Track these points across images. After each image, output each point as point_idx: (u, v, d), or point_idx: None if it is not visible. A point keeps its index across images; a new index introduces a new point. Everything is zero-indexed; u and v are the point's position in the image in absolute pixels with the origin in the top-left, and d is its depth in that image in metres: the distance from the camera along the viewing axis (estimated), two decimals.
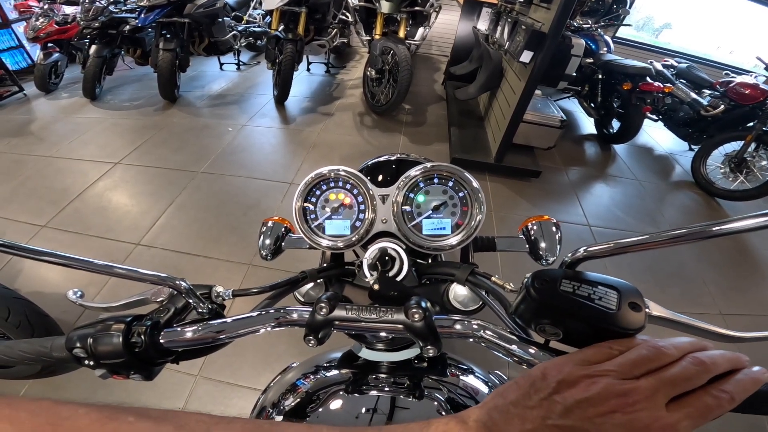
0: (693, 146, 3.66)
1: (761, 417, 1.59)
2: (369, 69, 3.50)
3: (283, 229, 0.62)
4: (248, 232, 2.19)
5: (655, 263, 2.37)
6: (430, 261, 0.59)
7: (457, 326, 0.39)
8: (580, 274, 0.33)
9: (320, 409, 0.52)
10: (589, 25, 3.80)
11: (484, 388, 0.55)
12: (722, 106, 3.17)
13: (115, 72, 3.92)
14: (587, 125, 4.19)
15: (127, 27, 3.51)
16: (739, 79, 3.25)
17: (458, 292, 0.51)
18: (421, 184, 0.49)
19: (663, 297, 2.13)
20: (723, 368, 0.28)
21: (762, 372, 0.29)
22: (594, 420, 0.25)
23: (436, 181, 0.49)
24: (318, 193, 0.51)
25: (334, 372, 0.57)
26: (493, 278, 0.44)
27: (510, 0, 3.01)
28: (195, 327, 0.42)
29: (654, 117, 3.77)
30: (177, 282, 0.43)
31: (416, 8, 3.45)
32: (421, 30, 3.77)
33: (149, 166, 2.74)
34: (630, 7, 5.00)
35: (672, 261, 2.41)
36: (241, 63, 4.81)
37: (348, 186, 0.50)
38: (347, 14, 4.51)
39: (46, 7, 3.72)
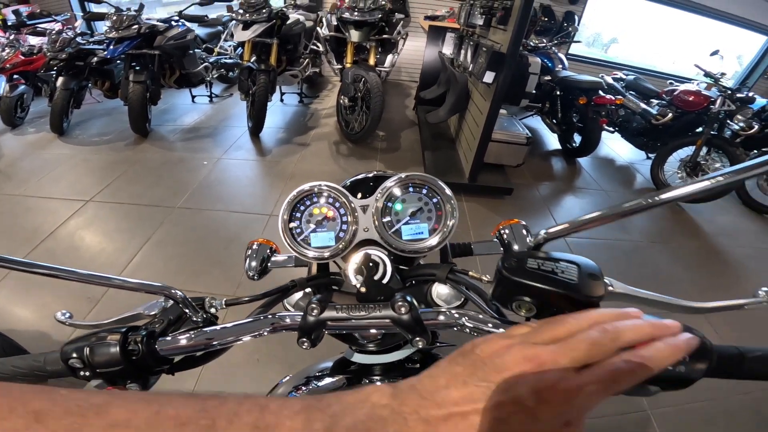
0: (650, 155, 3.89)
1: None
2: (342, 97, 3.59)
3: (269, 250, 0.64)
4: (230, 265, 2.17)
5: (629, 268, 2.51)
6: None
7: (441, 317, 0.42)
8: (544, 252, 0.38)
9: None
10: (544, 44, 4.07)
11: None
12: (670, 114, 3.41)
13: (83, 105, 3.84)
14: (552, 141, 4.40)
15: (95, 58, 3.46)
16: (682, 87, 3.52)
17: (440, 291, 0.54)
18: (398, 194, 0.53)
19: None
20: (635, 336, 0.29)
21: (687, 340, 0.30)
22: (508, 380, 0.28)
23: (411, 189, 0.53)
24: (302, 208, 0.54)
25: (327, 380, 0.58)
26: (470, 272, 0.47)
27: (471, 24, 3.19)
28: (189, 334, 0.44)
29: (611, 129, 4.01)
30: (172, 291, 0.45)
31: (384, 36, 3.60)
32: (390, 57, 3.91)
33: (123, 202, 2.69)
34: (578, 24, 5.40)
35: (647, 265, 2.55)
36: (213, 95, 4.81)
37: (330, 200, 0.53)
38: (318, 44, 4.64)
39: (12, 37, 3.65)
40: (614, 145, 4.51)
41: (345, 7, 3.40)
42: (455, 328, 0.42)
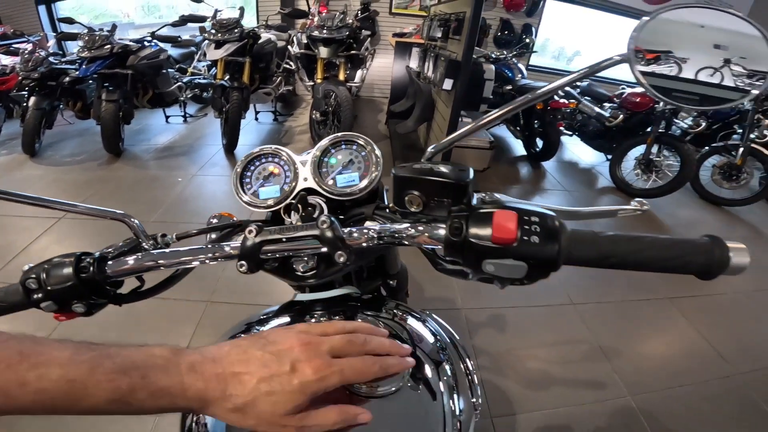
0: (608, 156, 4.12)
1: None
2: (314, 112, 3.69)
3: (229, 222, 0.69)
4: (204, 272, 2.21)
5: None
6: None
7: (355, 234, 0.48)
8: (430, 161, 0.48)
9: None
10: (504, 56, 4.32)
11: (425, 332, 0.59)
12: (621, 116, 3.65)
13: (55, 127, 3.83)
14: (518, 148, 4.59)
15: (67, 78, 3.47)
16: (629, 90, 3.78)
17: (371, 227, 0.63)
18: (332, 150, 0.62)
19: (611, 289, 2.37)
20: (377, 347, 0.40)
21: (409, 362, 0.41)
22: (280, 351, 0.36)
23: (343, 146, 0.62)
24: (252, 168, 0.62)
25: (271, 323, 0.60)
26: (391, 205, 0.55)
27: (432, 38, 3.39)
28: (136, 255, 0.49)
29: (569, 132, 4.25)
30: (131, 219, 0.52)
31: (353, 52, 3.76)
32: (359, 72, 4.08)
33: (96, 218, 2.70)
34: (535, 36, 5.74)
35: None
36: (187, 115, 4.84)
37: (275, 159, 0.62)
38: (291, 63, 4.78)
39: None
40: (577, 150, 4.75)
41: (314, 25, 3.55)
42: (366, 244, 0.48)
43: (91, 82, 3.62)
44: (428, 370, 0.51)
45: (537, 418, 1.56)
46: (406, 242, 0.46)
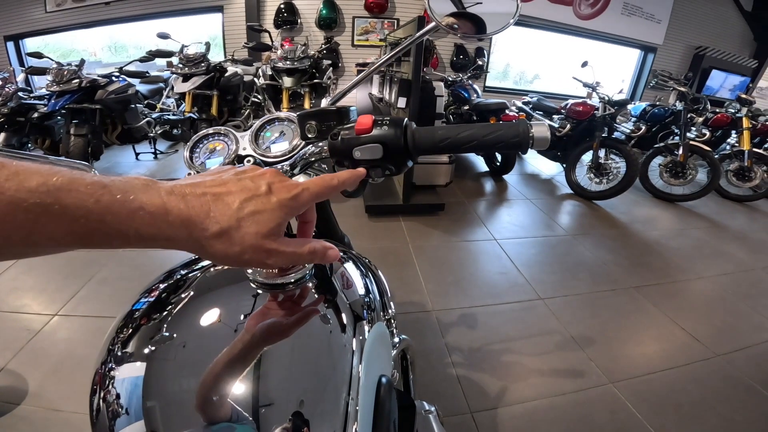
0: (563, 164, 4.40)
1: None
2: None
3: None
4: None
5: (559, 258, 2.77)
6: None
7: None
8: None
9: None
10: (460, 78, 4.62)
11: (357, 275, 0.67)
12: (568, 126, 3.95)
13: None
14: (480, 164, 4.85)
15: (36, 114, 3.46)
16: (571, 101, 4.11)
17: None
18: (267, 126, 0.73)
19: (576, 282, 2.46)
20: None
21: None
22: (256, 176, 0.37)
23: (276, 123, 0.73)
24: (201, 145, 0.73)
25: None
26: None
27: (390, 64, 3.62)
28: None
29: None
30: (92, 170, 0.58)
31: (315, 81, 3.96)
32: (324, 101, 4.25)
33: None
34: (488, 59, 6.16)
35: (573, 254, 2.83)
36: (158, 151, 4.80)
37: (221, 137, 0.73)
38: (258, 96, 4.95)
39: None
40: (537, 163, 5.04)
41: (277, 57, 3.75)
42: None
43: (59, 118, 3.63)
44: (344, 307, 0.57)
45: (518, 410, 1.55)
46: (313, 158, 0.61)
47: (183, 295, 0.55)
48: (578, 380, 1.71)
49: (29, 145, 3.72)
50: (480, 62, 5.25)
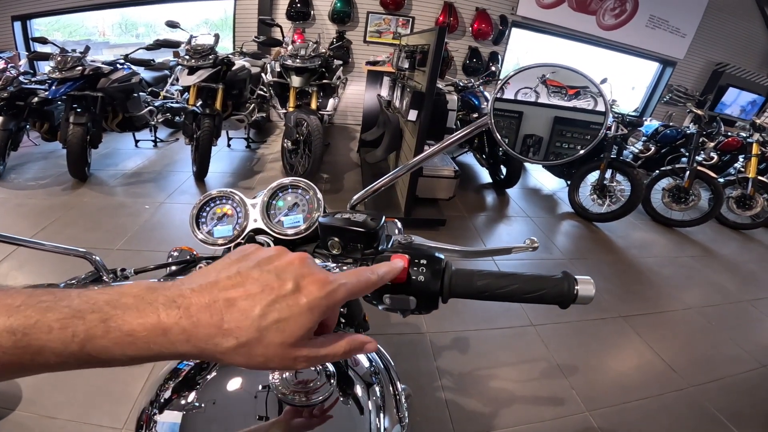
0: (568, 181, 4.34)
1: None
2: (285, 141, 3.72)
3: (189, 256, 0.73)
4: None
5: None
6: None
7: None
8: (351, 211, 0.57)
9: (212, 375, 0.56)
10: (471, 83, 4.52)
11: (361, 356, 0.66)
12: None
13: (20, 148, 3.73)
14: (484, 176, 4.77)
15: (36, 99, 3.40)
16: None
17: None
18: (279, 193, 0.69)
19: (569, 311, 2.46)
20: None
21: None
22: (278, 267, 0.31)
23: (289, 190, 0.70)
24: (208, 209, 0.69)
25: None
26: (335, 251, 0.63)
27: (401, 68, 3.53)
28: (94, 286, 0.53)
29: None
30: (93, 256, 0.56)
31: (324, 81, 3.86)
32: (331, 101, 4.17)
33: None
34: (501, 64, 6.05)
35: None
36: (158, 139, 4.76)
37: (229, 201, 0.69)
38: (265, 90, 4.84)
39: None
40: (540, 176, 4.98)
41: (287, 54, 3.64)
42: None
43: (59, 103, 3.55)
44: (359, 389, 0.59)
45: None
46: None
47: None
48: (558, 408, 1.78)
49: (27, 127, 3.66)
50: (494, 68, 5.11)
